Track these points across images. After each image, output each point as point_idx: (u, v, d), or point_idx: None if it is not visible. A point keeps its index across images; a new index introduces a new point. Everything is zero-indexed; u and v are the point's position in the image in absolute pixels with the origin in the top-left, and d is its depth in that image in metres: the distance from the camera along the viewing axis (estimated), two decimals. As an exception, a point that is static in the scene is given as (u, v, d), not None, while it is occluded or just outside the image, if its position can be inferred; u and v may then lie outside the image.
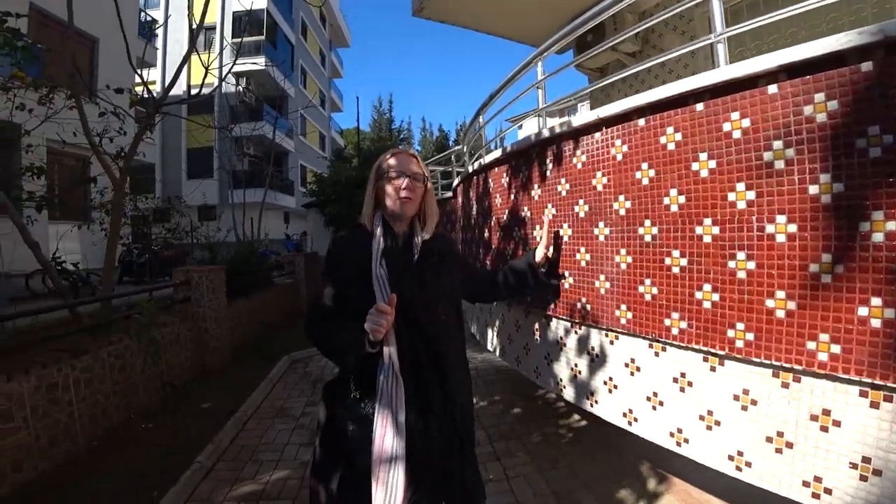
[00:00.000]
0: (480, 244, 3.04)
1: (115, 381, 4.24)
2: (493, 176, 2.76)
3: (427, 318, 1.39)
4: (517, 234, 2.50)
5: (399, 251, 1.44)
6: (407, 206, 1.44)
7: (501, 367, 5.69)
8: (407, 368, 1.33)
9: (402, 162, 1.47)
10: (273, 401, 4.82)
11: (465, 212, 3.54)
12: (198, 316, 5.64)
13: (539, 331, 2.46)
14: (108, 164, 4.71)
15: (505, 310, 2.80)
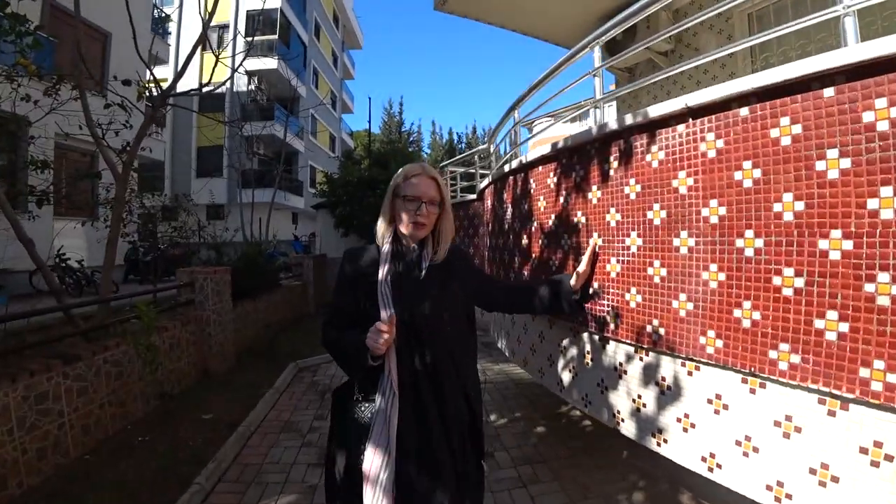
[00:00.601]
0: (516, 252, 2.71)
1: (111, 389, 3.96)
2: (537, 176, 2.43)
3: (430, 335, 1.40)
4: (567, 243, 2.17)
5: (406, 267, 1.46)
6: (418, 231, 1.45)
7: (520, 380, 5.35)
8: (406, 384, 1.36)
9: (420, 185, 1.45)
10: (279, 412, 4.49)
11: (495, 216, 3.20)
12: (201, 319, 5.34)
13: (591, 354, 2.12)
14: (110, 157, 4.42)
15: (545, 326, 2.47)
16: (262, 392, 4.88)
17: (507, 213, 2.81)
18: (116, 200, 4.34)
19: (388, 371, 1.35)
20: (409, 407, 1.36)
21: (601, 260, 1.94)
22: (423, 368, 1.39)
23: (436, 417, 1.38)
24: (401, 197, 1.46)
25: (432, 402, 1.38)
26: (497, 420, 4.28)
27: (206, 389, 4.97)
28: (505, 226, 2.86)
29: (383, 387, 1.35)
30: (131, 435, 3.95)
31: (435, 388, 1.39)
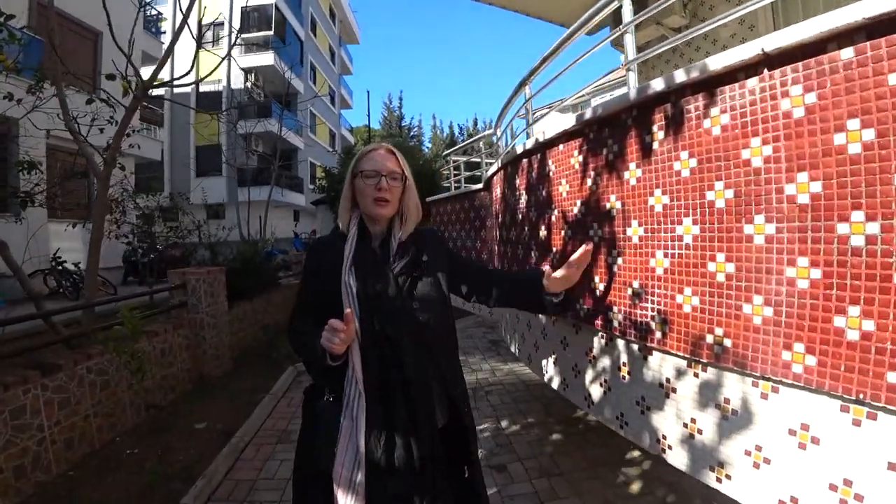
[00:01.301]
0: (533, 245, 2.33)
1: (97, 399, 3.65)
2: (557, 156, 2.04)
3: (397, 329, 1.27)
4: (596, 233, 1.79)
5: (372, 256, 1.33)
6: (381, 209, 1.32)
7: (531, 381, 4.97)
8: (372, 382, 1.25)
9: (377, 159, 1.34)
10: (276, 420, 4.14)
11: (506, 205, 2.81)
12: (195, 322, 4.99)
13: (629, 366, 1.75)
14: (90, 154, 4.05)
15: (569, 331, 2.10)
16: (259, 398, 4.54)
17: (521, 200, 2.43)
18: (98, 200, 3.96)
19: (353, 369, 1.24)
20: (377, 406, 1.24)
21: (643, 254, 1.56)
22: (390, 364, 1.26)
23: (404, 417, 1.26)
24: (359, 174, 1.33)
25: (401, 401, 1.26)
26: (509, 427, 3.91)
27: (201, 396, 4.64)
28: (518, 216, 2.47)
29: (349, 386, 1.25)
30: (119, 448, 3.65)
31: (404, 386, 1.27)
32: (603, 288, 1.71)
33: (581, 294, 1.80)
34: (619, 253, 1.63)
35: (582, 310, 1.86)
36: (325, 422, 1.29)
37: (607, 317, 1.74)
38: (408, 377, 1.26)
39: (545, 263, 2.15)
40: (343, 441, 1.23)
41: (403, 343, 1.27)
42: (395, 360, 1.26)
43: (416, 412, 1.26)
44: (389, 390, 1.26)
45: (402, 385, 1.26)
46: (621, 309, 1.65)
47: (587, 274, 1.69)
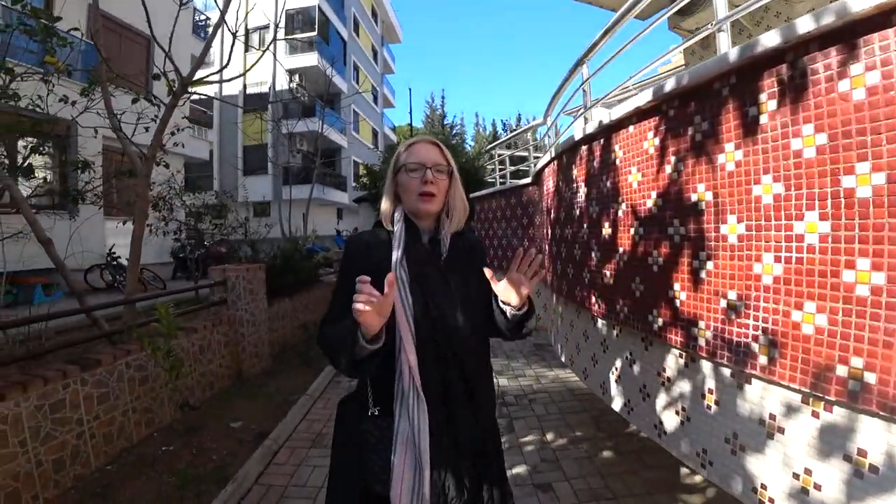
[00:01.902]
0: (593, 245, 2.01)
1: (136, 395, 3.63)
2: (626, 140, 1.71)
3: (455, 323, 1.14)
4: (678, 231, 1.47)
5: (423, 250, 1.22)
6: (427, 204, 1.21)
7: (579, 390, 4.62)
8: (431, 383, 1.08)
9: (421, 152, 1.24)
10: (311, 423, 4.01)
11: (559, 200, 2.49)
12: (234, 319, 4.95)
13: (717, 395, 1.42)
14: (132, 151, 4.06)
15: (638, 346, 1.78)
16: (295, 398, 4.44)
17: (579, 194, 2.10)
18: (139, 197, 3.96)
19: (407, 370, 1.07)
20: (438, 416, 1.08)
21: (744, 258, 1.23)
22: (453, 368, 1.13)
23: (475, 430, 1.13)
24: (402, 169, 1.23)
25: (468, 413, 1.12)
26: (555, 440, 3.60)
27: (238, 393, 4.60)
28: (575, 211, 2.15)
29: (403, 391, 1.08)
30: (156, 444, 3.62)
31: (468, 394, 1.14)
32: (685, 298, 1.40)
33: (654, 303, 1.49)
34: (709, 256, 1.30)
35: (655, 322, 1.54)
36: (373, 440, 1.12)
37: (690, 333, 1.42)
38: (471, 381, 1.13)
39: (609, 266, 1.84)
40: (400, 456, 1.05)
41: (464, 342, 1.14)
42: (456, 360, 1.12)
43: (484, 422, 1.15)
44: (450, 394, 1.11)
45: (464, 389, 1.12)
46: (710, 325, 1.32)
47: (664, 280, 1.37)
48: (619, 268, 1.75)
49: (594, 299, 1.99)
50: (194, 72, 4.11)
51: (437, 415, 1.08)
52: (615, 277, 1.79)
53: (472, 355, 1.16)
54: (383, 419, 1.12)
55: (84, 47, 7.88)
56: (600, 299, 1.93)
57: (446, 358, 1.13)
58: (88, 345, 3.94)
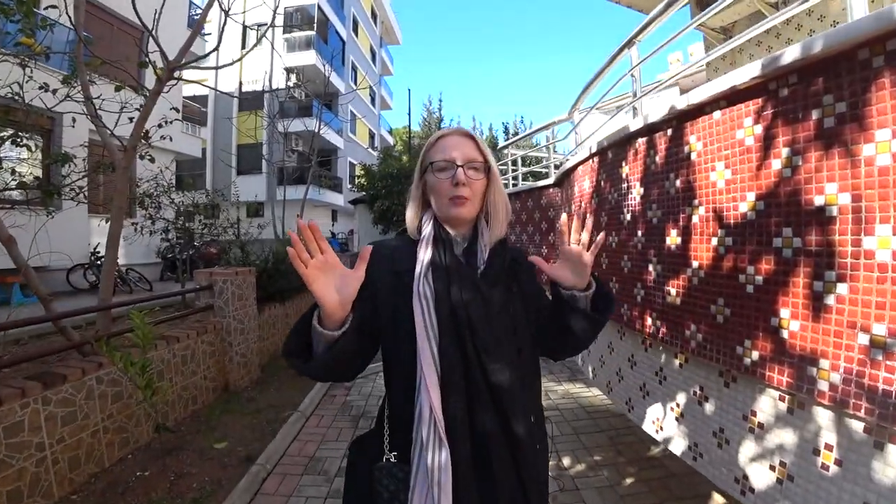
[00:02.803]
0: (651, 255, 1.67)
1: (107, 413, 3.27)
2: (706, 129, 1.35)
3: (496, 351, 0.90)
4: (793, 242, 1.14)
5: (455, 262, 0.97)
6: (460, 209, 0.99)
7: (592, 407, 4.30)
8: (459, 430, 0.86)
9: (451, 146, 1.01)
10: (303, 444, 3.64)
11: (599, 202, 2.14)
12: (221, 327, 4.57)
13: (844, 450, 1.10)
14: (109, 141, 3.68)
15: (715, 382, 1.44)
16: (286, 415, 4.07)
17: (631, 195, 1.75)
18: (117, 192, 3.59)
19: (428, 412, 0.86)
20: (464, 467, 0.86)
21: None
22: (488, 410, 0.89)
23: (513, 482, 0.89)
24: (429, 168, 1.03)
25: (507, 462, 0.89)
26: (572, 466, 3.26)
27: (224, 409, 4.22)
28: (624, 215, 1.80)
29: (422, 439, 0.85)
30: (130, 468, 3.25)
31: (509, 439, 0.89)
32: (797, 329, 1.08)
33: (746, 332, 1.16)
34: (841, 276, 0.98)
35: (746, 355, 1.21)
36: (387, 492, 0.90)
37: (803, 373, 1.09)
38: (512, 424, 0.89)
39: (674, 282, 1.51)
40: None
41: (507, 376, 0.90)
42: (494, 398, 0.90)
43: (526, 474, 0.90)
44: (484, 440, 0.88)
45: (503, 434, 0.89)
46: (839, 365, 1.00)
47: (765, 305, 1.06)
48: (692, 285, 1.43)
49: (649, 321, 1.67)
50: (182, 56, 3.74)
51: (464, 471, 0.86)
52: (685, 297, 1.46)
53: (515, 395, 0.91)
54: (400, 469, 0.90)
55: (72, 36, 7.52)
56: (659, 321, 1.60)
57: (481, 398, 0.90)
58: (56, 357, 3.57)
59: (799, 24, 4.29)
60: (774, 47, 4.64)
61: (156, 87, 3.65)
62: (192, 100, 15.30)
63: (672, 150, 1.51)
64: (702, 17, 1.85)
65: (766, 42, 4.43)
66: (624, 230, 1.83)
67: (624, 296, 1.84)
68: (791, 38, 4.36)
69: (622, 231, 1.85)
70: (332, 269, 0.86)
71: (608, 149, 1.95)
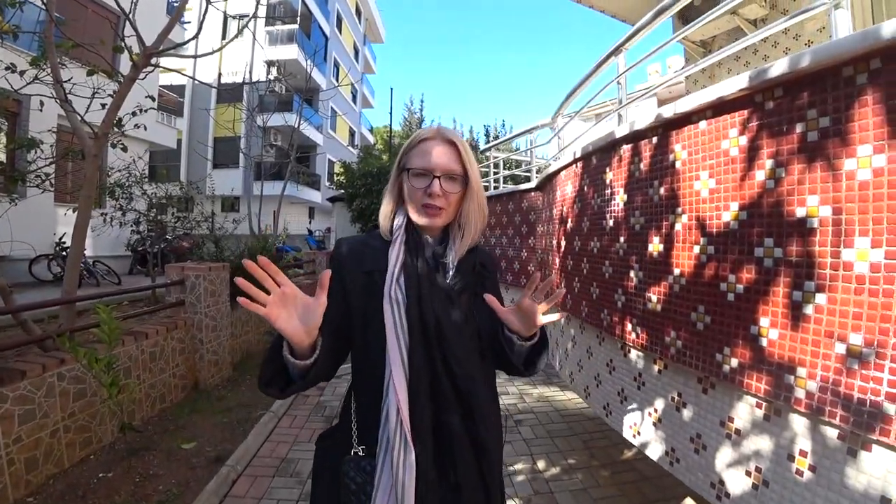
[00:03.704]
0: (633, 261, 1.68)
1: (69, 412, 3.12)
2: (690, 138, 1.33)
3: (464, 356, 0.93)
4: (773, 253, 1.15)
5: (426, 266, 0.98)
6: (432, 219, 0.99)
7: (566, 411, 4.32)
8: (424, 430, 0.88)
9: (431, 153, 0.98)
10: (275, 445, 3.54)
11: (581, 207, 2.13)
12: (192, 323, 4.43)
13: (818, 457, 1.11)
14: (79, 126, 3.51)
15: (693, 389, 1.45)
16: (258, 414, 3.96)
17: (614, 201, 1.71)
18: (85, 180, 3.42)
19: (395, 413, 0.87)
20: (427, 467, 0.88)
21: (875, 294, 0.92)
22: (453, 412, 0.92)
23: (476, 482, 0.91)
24: (406, 171, 1.01)
25: (471, 463, 0.91)
26: (547, 469, 3.27)
27: (193, 408, 4.07)
28: (607, 221, 1.77)
29: (388, 437, 0.87)
30: (92, 469, 3.11)
31: (473, 441, 0.92)
32: (776, 337, 1.10)
33: (725, 340, 1.18)
34: (820, 287, 1.00)
35: (725, 362, 1.23)
36: (354, 484, 0.91)
37: (781, 381, 1.10)
38: (477, 427, 0.92)
39: (656, 289, 1.52)
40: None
41: (473, 380, 0.94)
42: (460, 400, 0.92)
43: (489, 474, 0.94)
44: (448, 441, 0.91)
45: (467, 436, 0.92)
46: (816, 374, 1.01)
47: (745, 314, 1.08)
48: (674, 292, 1.44)
49: (629, 327, 1.67)
50: (160, 42, 3.60)
51: (428, 473, 0.88)
52: (666, 304, 1.47)
53: (480, 397, 0.95)
54: (368, 462, 0.92)
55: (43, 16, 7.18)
56: (639, 327, 1.61)
57: (448, 403, 0.92)
58: (15, 352, 3.38)
59: (776, 41, 4.42)
60: (752, 63, 4.79)
61: (131, 74, 3.49)
62: (169, 89, 14.82)
63: (657, 158, 1.51)
64: (684, 31, 1.89)
65: (745, 57, 4.55)
66: (606, 236, 1.84)
67: (604, 301, 1.85)
68: (767, 54, 4.49)
69: (604, 237, 1.85)
70: (293, 300, 0.84)
71: (592, 154, 1.96)
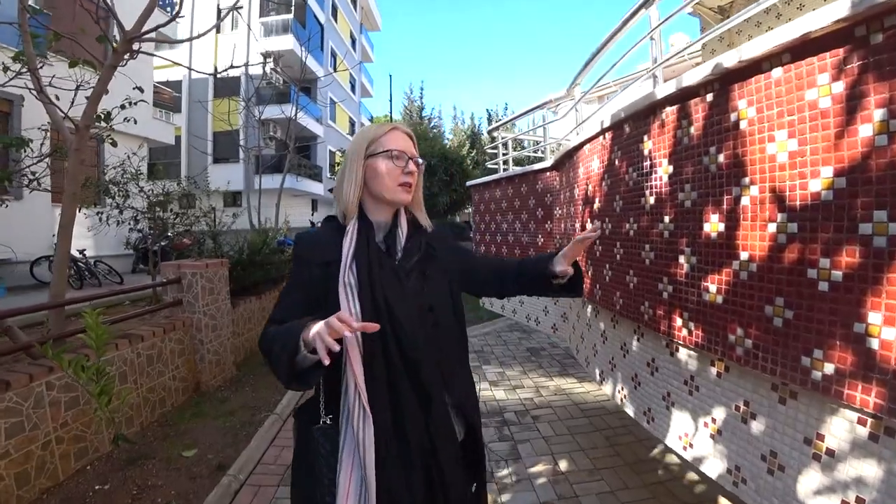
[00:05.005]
0: (681, 246, 1.42)
1: (61, 422, 2.94)
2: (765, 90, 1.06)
3: (411, 334, 1.05)
4: (886, 231, 0.89)
5: (375, 251, 1.11)
6: (405, 195, 1.16)
7: (586, 405, 4.10)
8: (379, 395, 1.02)
9: (402, 140, 1.17)
10: (279, 451, 3.34)
11: (610, 184, 1.87)
12: (191, 323, 4.22)
13: None
14: (59, 119, 3.26)
15: (767, 398, 1.20)
16: (262, 417, 3.77)
17: (655, 174, 1.40)
18: (68, 177, 3.18)
19: (353, 384, 1.01)
20: (384, 431, 1.01)
21: None
22: (403, 379, 1.04)
23: (423, 437, 1.04)
24: (381, 154, 1.13)
25: (418, 418, 1.04)
26: (570, 470, 3.05)
27: (195, 412, 3.88)
28: (647, 199, 1.48)
29: (348, 405, 1.02)
30: (88, 481, 2.95)
31: (422, 403, 1.05)
32: (892, 338, 0.83)
33: (818, 340, 0.92)
34: None
35: (818, 367, 0.97)
36: (324, 449, 1.05)
37: None
38: (426, 390, 1.05)
39: (715, 277, 1.26)
40: (346, 471, 1.00)
41: (419, 350, 1.05)
42: (409, 369, 1.05)
43: (436, 431, 1.06)
44: (400, 406, 1.04)
45: (416, 399, 1.05)
46: None
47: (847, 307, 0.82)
48: (740, 281, 1.17)
49: (678, 321, 1.42)
50: (140, 26, 3.32)
51: (384, 429, 1.01)
52: (729, 294, 1.21)
53: (429, 366, 1.07)
54: (334, 429, 1.05)
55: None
56: (692, 322, 1.35)
57: (397, 370, 1.04)
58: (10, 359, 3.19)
59: (801, 3, 4.08)
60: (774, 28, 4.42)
61: (111, 61, 3.23)
62: (166, 85, 14.53)
63: (713, 119, 1.24)
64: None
65: (766, 22, 4.21)
66: (645, 216, 1.57)
67: (645, 291, 1.59)
68: (791, 17, 4.14)
69: (643, 217, 1.59)
70: None
71: (625, 122, 1.67)
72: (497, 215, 4.01)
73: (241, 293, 5.40)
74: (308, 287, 1.12)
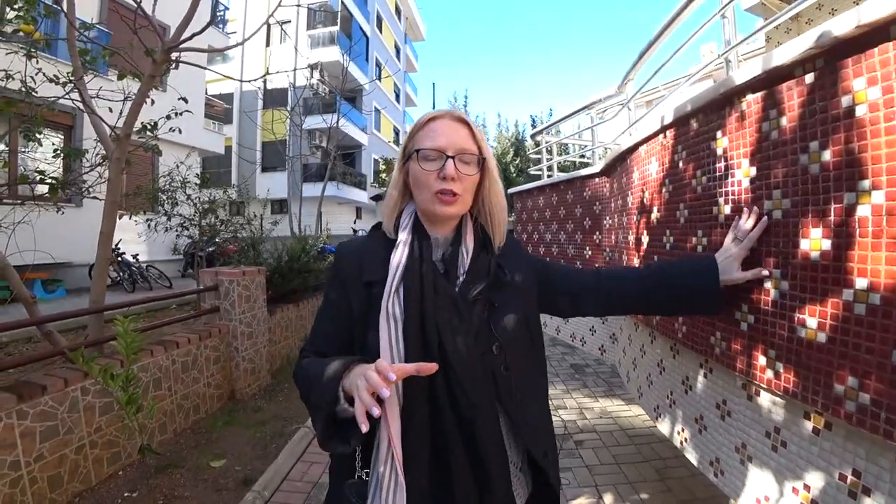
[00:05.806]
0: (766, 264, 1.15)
1: (95, 427, 2.97)
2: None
3: (467, 378, 0.81)
4: None
5: (431, 273, 0.86)
6: (447, 207, 0.87)
7: (633, 430, 3.73)
8: (419, 466, 0.81)
9: (442, 132, 0.87)
10: (308, 466, 3.22)
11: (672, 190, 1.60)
12: (227, 330, 4.22)
13: None
14: (101, 127, 3.34)
15: (884, 460, 0.93)
16: (292, 429, 3.68)
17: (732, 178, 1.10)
18: (109, 184, 3.24)
19: (386, 442, 0.79)
20: (421, 491, 0.80)
21: None
22: (454, 440, 0.81)
23: None
24: (414, 155, 0.87)
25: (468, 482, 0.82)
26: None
27: (228, 419, 3.86)
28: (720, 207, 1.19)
29: (378, 467, 0.80)
30: (118, 488, 2.95)
31: (473, 461, 0.82)
32: None
33: None
34: None
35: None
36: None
37: None
38: (480, 451, 0.81)
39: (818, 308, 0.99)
40: None
41: (475, 407, 0.81)
42: (462, 429, 0.81)
43: (489, 495, 0.82)
44: (448, 473, 0.81)
45: (468, 466, 0.81)
46: None
47: None
48: (856, 316, 0.90)
49: (762, 361, 1.14)
50: (178, 35, 3.36)
51: (416, 491, 0.77)
52: (839, 333, 0.93)
53: (490, 421, 0.83)
54: (368, 488, 0.82)
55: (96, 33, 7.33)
56: (781, 364, 1.08)
57: (446, 427, 0.81)
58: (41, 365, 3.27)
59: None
60: (839, 10, 3.98)
61: (151, 70, 3.28)
62: (219, 97, 15.27)
63: (815, 106, 0.97)
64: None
65: (829, 4, 3.75)
66: (718, 229, 1.30)
67: (717, 320, 1.31)
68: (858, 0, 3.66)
69: (715, 230, 1.31)
70: None
71: (692, 115, 1.39)
72: (540, 224, 3.74)
73: (279, 300, 5.41)
74: (346, 314, 0.92)
